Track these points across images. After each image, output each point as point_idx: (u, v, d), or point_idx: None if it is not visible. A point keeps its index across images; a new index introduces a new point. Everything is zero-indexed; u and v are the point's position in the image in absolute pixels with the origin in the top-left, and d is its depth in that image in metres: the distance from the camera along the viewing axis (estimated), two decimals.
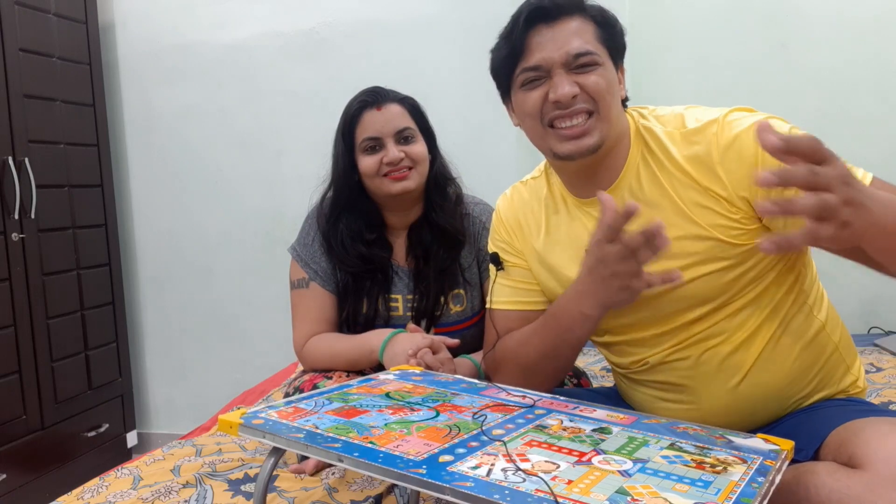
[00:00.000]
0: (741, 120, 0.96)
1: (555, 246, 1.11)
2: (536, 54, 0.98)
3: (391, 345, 1.32)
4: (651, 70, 2.22)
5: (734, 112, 0.98)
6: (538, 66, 0.99)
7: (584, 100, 0.97)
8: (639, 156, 1.03)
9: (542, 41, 0.98)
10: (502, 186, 1.26)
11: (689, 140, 0.99)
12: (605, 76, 0.98)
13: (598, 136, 0.98)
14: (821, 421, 0.96)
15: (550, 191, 1.13)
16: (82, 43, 2.47)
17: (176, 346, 2.77)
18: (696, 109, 1.02)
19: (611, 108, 0.99)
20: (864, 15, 2.09)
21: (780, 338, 1.02)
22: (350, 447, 0.73)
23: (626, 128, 1.04)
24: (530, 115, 1.02)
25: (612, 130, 1.00)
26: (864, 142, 2.07)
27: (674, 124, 1.02)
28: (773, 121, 0.96)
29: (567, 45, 0.97)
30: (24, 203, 2.17)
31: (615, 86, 1.00)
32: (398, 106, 1.41)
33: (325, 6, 2.47)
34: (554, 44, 0.97)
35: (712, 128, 0.97)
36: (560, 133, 0.99)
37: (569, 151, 0.99)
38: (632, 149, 1.03)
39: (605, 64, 0.99)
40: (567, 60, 0.97)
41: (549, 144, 1.01)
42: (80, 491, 1.15)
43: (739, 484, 0.65)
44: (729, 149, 0.95)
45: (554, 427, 0.80)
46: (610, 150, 1.02)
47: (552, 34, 0.98)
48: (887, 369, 1.68)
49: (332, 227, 1.45)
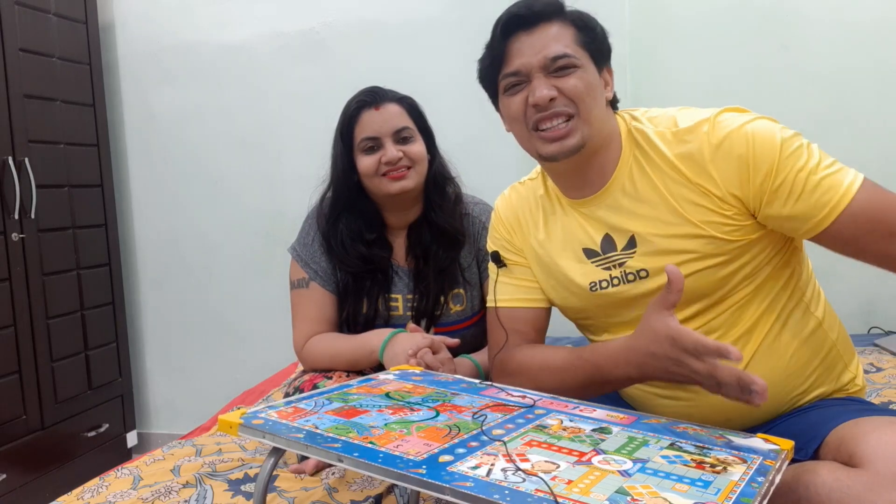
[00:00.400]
0: (732, 119, 0.98)
1: (552, 245, 1.12)
2: (516, 60, 1.01)
3: (391, 345, 1.32)
4: (651, 71, 2.22)
5: (725, 112, 0.99)
6: (517, 72, 1.01)
7: (563, 102, 1.00)
8: (631, 156, 1.04)
9: (521, 47, 1.01)
10: (501, 186, 1.26)
11: (680, 139, 1.00)
12: (584, 78, 1.00)
13: (580, 137, 1.00)
14: (820, 420, 0.96)
15: (546, 192, 1.15)
16: (82, 43, 2.47)
17: (176, 346, 2.77)
18: (688, 110, 1.04)
19: (591, 110, 1.00)
20: (865, 17, 2.09)
21: (778, 333, 1.03)
22: (350, 447, 0.73)
23: (615, 129, 1.06)
24: (515, 120, 1.05)
25: (595, 131, 1.01)
26: (864, 142, 2.07)
27: (665, 124, 1.03)
28: (763, 121, 0.97)
29: (545, 50, 0.99)
30: (24, 203, 2.18)
31: (596, 88, 1.02)
32: (396, 106, 1.41)
33: (325, 6, 2.47)
34: (532, 49, 1.00)
35: (703, 127, 0.99)
36: (543, 135, 1.01)
37: (552, 152, 1.01)
38: (623, 150, 1.05)
39: (585, 66, 1.01)
40: (545, 64, 0.99)
41: (535, 146, 1.04)
42: (80, 491, 1.15)
43: (739, 484, 0.65)
44: (720, 148, 0.97)
45: (554, 427, 0.80)
46: (596, 151, 1.03)
47: (530, 40, 1.00)
48: (887, 369, 1.68)
49: (331, 227, 1.45)
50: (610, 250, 1.05)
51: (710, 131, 0.98)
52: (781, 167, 0.94)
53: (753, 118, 0.98)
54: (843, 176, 0.94)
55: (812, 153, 0.95)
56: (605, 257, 1.06)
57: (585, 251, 1.08)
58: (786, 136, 0.95)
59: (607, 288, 1.06)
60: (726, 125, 0.97)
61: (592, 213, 1.07)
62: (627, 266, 1.04)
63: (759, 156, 0.95)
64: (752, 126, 0.96)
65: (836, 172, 0.94)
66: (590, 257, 1.07)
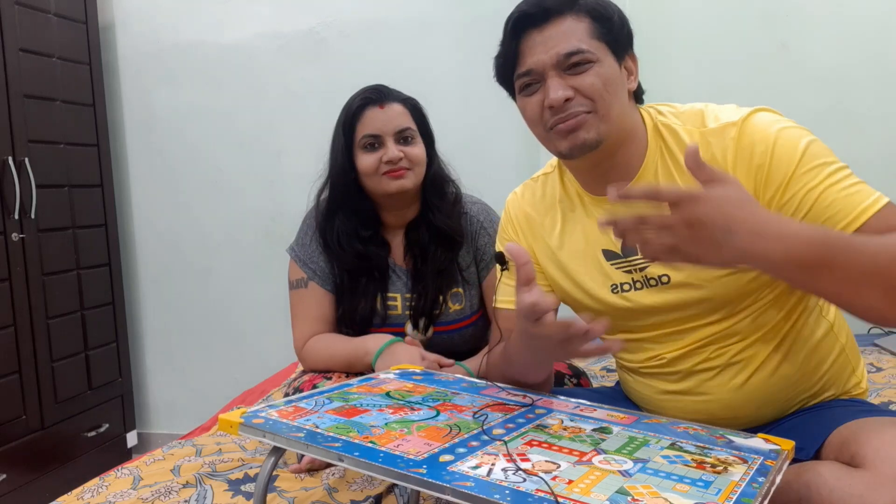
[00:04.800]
0: (759, 126, 0.93)
1: (569, 244, 1.09)
2: (528, 59, 0.97)
3: (386, 355, 1.31)
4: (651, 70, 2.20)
5: (755, 115, 0.95)
6: (530, 71, 0.98)
7: (579, 102, 0.95)
8: (657, 154, 1.01)
9: (532, 45, 0.97)
10: (502, 186, 1.25)
11: (706, 140, 0.97)
12: (601, 74, 0.96)
13: (595, 133, 0.96)
14: (822, 420, 0.96)
15: (565, 188, 1.11)
16: (82, 43, 2.47)
17: (176, 346, 2.77)
18: (717, 109, 1.00)
19: (611, 107, 0.96)
20: (865, 15, 2.09)
21: (793, 338, 1.02)
22: (350, 447, 0.73)
23: (638, 123, 1.02)
24: (532, 122, 1.02)
25: (615, 128, 0.97)
26: (865, 142, 2.07)
27: (693, 122, 1.00)
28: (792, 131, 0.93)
29: (557, 47, 0.95)
30: (24, 203, 2.17)
31: (616, 82, 0.98)
32: (401, 106, 1.41)
33: (325, 6, 2.47)
34: (544, 47, 0.96)
35: (730, 131, 0.95)
36: (558, 129, 0.97)
37: (567, 148, 0.98)
38: (650, 146, 1.01)
39: (603, 60, 0.96)
40: (558, 62, 0.95)
41: (554, 145, 1.00)
42: (80, 491, 1.15)
43: (740, 484, 0.65)
44: (740, 155, 0.93)
45: (554, 427, 0.80)
46: (617, 147, 1.00)
47: (542, 38, 0.96)
48: (887, 369, 1.68)
49: (327, 223, 1.45)
50: (631, 253, 1.02)
51: (737, 137, 0.94)
52: (794, 182, 0.90)
53: (783, 127, 0.93)
54: (860, 199, 0.87)
55: (833, 171, 0.89)
56: (626, 261, 1.03)
57: (606, 252, 1.05)
58: (810, 151, 0.90)
59: (629, 291, 1.04)
60: (752, 132, 0.93)
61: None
62: (648, 272, 1.01)
63: (774, 168, 0.91)
64: (776, 135, 0.92)
65: (853, 195, 0.88)
66: (610, 259, 1.05)
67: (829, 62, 2.13)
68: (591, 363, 1.91)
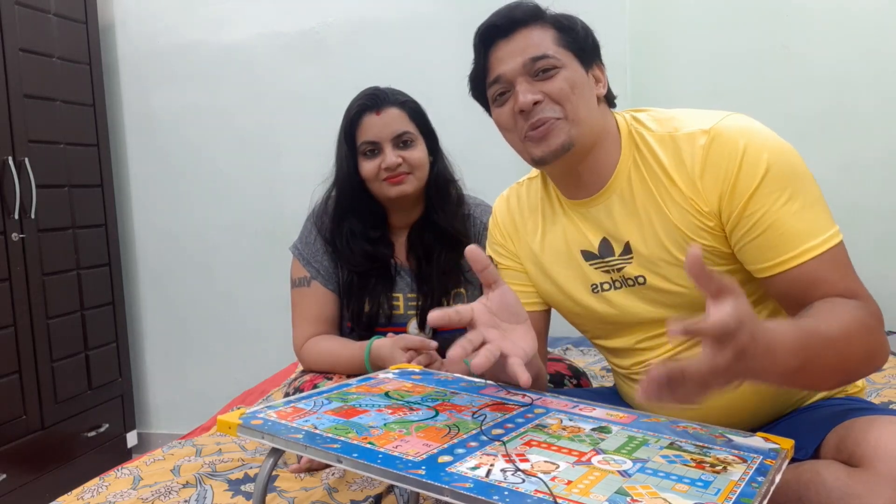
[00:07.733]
0: (728, 134, 0.93)
1: (550, 247, 1.11)
2: (498, 68, 1.00)
3: (373, 358, 1.31)
4: (651, 70, 2.22)
5: (725, 121, 0.95)
6: (499, 78, 1.00)
7: (549, 107, 0.98)
8: (630, 159, 1.02)
9: (501, 56, 1.00)
10: (503, 186, 1.25)
11: (676, 144, 0.97)
12: (568, 78, 0.98)
13: (566, 136, 0.97)
14: (820, 419, 0.95)
15: (546, 192, 1.13)
16: (82, 43, 2.47)
17: (176, 346, 2.77)
18: (692, 114, 1.00)
19: (578, 109, 0.98)
20: (865, 15, 2.09)
21: None
22: (349, 448, 0.72)
23: (610, 127, 1.03)
24: (506, 130, 1.04)
25: (585, 130, 0.99)
26: (864, 141, 2.07)
27: (667, 128, 1.00)
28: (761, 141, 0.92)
29: (524, 53, 0.98)
30: (24, 203, 2.17)
31: (583, 86, 1.00)
32: (397, 109, 1.41)
33: (325, 6, 2.47)
34: (511, 55, 0.99)
35: (700, 139, 0.95)
36: (530, 136, 0.99)
37: (540, 154, 0.99)
38: (623, 151, 1.02)
39: (569, 65, 0.99)
40: (526, 67, 0.98)
41: (528, 152, 1.02)
42: (80, 491, 1.15)
43: (739, 483, 0.65)
44: (707, 163, 0.93)
45: (553, 426, 0.80)
46: (588, 150, 1.01)
47: (510, 47, 1.00)
48: (887, 369, 1.68)
49: (336, 227, 1.46)
50: (608, 255, 1.04)
51: (707, 144, 0.93)
52: (754, 201, 0.90)
53: (750, 140, 0.91)
54: (809, 236, 0.88)
55: (793, 196, 0.89)
56: (603, 261, 1.05)
57: (584, 253, 1.07)
58: (773, 171, 0.90)
59: (609, 290, 1.05)
60: (722, 141, 0.92)
61: (590, 216, 1.05)
62: (625, 272, 1.03)
63: (739, 182, 0.91)
64: (744, 149, 0.91)
65: (802, 231, 0.88)
66: (588, 259, 1.06)
67: (829, 62, 2.12)
68: (590, 363, 1.91)
